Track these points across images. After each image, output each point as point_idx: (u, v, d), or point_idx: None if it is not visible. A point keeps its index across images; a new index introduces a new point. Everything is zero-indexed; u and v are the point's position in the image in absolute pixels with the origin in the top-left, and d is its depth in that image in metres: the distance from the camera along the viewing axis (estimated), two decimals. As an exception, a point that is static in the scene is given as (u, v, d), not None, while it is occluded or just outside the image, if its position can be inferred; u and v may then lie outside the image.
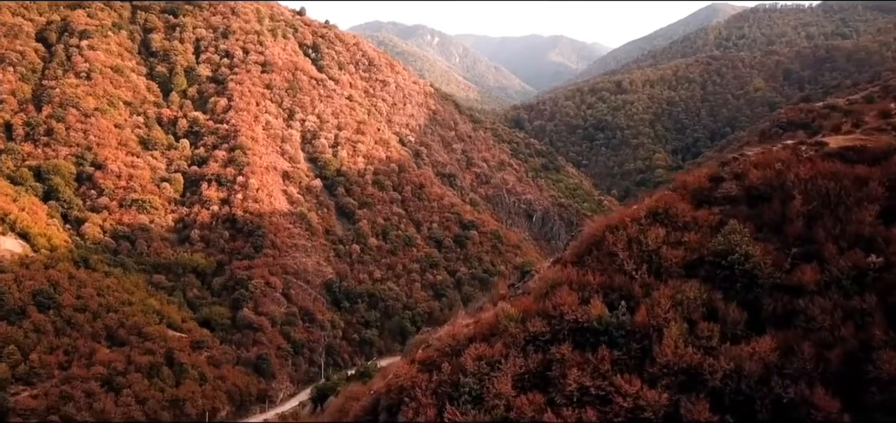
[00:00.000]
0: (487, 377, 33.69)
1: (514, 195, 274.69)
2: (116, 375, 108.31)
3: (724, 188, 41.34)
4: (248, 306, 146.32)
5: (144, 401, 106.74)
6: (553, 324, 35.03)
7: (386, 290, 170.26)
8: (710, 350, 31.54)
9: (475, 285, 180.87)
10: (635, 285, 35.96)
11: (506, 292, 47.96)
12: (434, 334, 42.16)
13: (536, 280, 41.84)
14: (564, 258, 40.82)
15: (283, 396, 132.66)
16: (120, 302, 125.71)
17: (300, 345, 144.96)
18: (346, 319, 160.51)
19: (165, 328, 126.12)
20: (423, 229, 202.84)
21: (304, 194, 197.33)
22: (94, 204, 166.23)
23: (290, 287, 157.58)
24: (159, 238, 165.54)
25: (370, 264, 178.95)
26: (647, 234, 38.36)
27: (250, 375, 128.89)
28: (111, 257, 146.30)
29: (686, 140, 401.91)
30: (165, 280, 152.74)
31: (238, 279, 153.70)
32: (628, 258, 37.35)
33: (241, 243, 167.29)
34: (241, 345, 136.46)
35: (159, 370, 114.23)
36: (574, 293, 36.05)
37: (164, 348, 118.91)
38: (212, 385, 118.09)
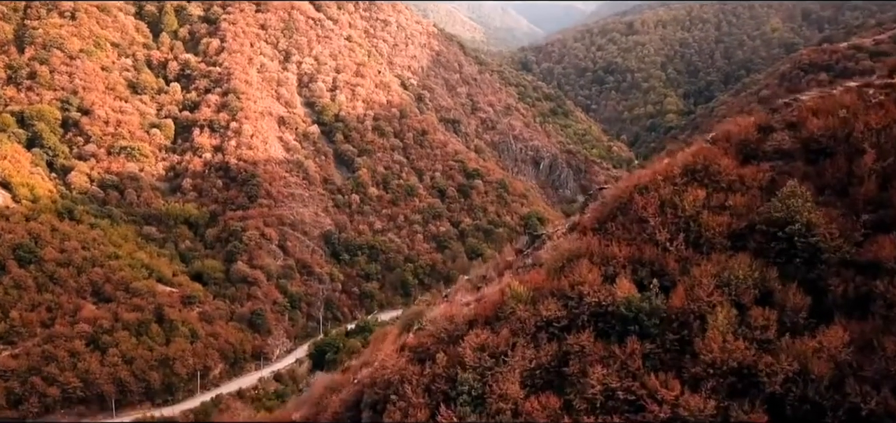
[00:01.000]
0: (491, 373, 28.13)
1: (520, 142, 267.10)
2: (102, 333, 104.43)
3: (776, 140, 34.85)
4: (242, 258, 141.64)
5: (132, 360, 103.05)
6: (570, 307, 29.26)
7: (387, 242, 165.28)
8: (765, 345, 25.74)
9: (479, 237, 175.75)
10: (670, 260, 30.00)
11: (513, 258, 42.14)
12: (429, 311, 36.70)
13: (549, 249, 35.93)
14: (583, 224, 34.79)
15: (279, 352, 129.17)
16: (106, 256, 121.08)
17: (297, 299, 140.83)
18: (345, 272, 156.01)
19: (155, 283, 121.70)
20: (425, 177, 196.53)
21: (301, 141, 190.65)
22: (81, 152, 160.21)
23: (286, 239, 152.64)
24: (150, 188, 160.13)
25: (370, 215, 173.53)
26: (684, 196, 32.17)
27: (244, 331, 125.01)
28: (98, 208, 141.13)
29: (699, 84, 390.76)
30: (156, 232, 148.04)
31: (232, 231, 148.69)
32: (661, 226, 31.28)
33: (235, 192, 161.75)
34: (235, 300, 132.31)
35: (148, 327, 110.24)
36: (596, 269, 30.15)
37: (154, 305, 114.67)
38: (203, 343, 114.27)
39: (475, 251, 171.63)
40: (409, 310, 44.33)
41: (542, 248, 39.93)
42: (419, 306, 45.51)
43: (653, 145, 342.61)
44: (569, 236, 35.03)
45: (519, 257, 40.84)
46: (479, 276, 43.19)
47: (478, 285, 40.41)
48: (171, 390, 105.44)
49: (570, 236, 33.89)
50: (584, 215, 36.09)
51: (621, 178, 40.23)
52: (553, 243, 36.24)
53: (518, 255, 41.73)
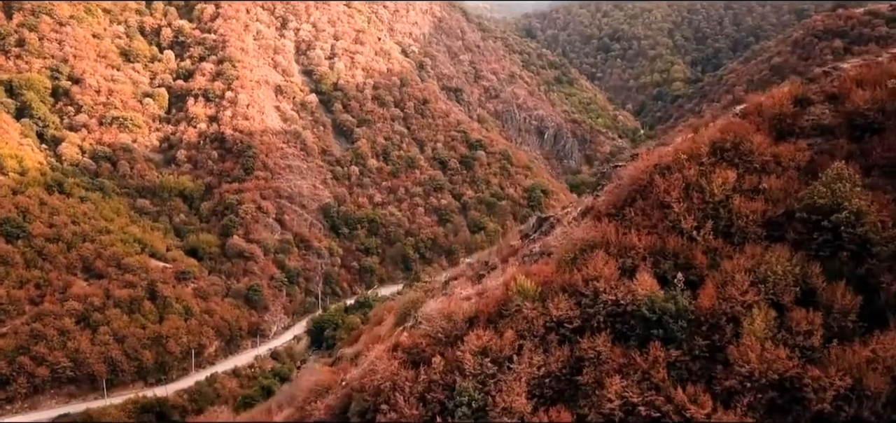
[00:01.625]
0: (493, 381, 25.00)
1: (524, 111, 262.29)
2: (93, 311, 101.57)
3: (814, 114, 31.27)
4: (238, 232, 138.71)
5: (123, 339, 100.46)
6: (584, 305, 26.01)
7: (387, 215, 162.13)
8: (809, 353, 22.54)
9: (482, 210, 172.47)
10: (697, 251, 26.66)
11: (518, 243, 38.80)
12: (426, 303, 33.47)
13: (559, 236, 32.58)
14: (598, 208, 31.38)
15: (276, 329, 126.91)
16: (97, 231, 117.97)
17: (295, 274, 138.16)
18: (344, 246, 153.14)
19: (147, 258, 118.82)
20: (426, 148, 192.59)
21: (299, 111, 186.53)
22: (72, 122, 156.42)
23: (283, 212, 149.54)
24: (143, 159, 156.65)
25: (370, 188, 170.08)
26: (712, 178, 28.72)
27: (241, 307, 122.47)
28: (89, 181, 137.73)
29: (706, 51, 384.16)
30: (150, 205, 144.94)
31: (227, 204, 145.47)
32: (686, 212, 27.88)
33: (231, 163, 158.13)
34: (231, 275, 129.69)
35: (140, 304, 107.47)
36: (612, 261, 26.84)
37: (146, 281, 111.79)
38: (198, 320, 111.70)
39: (477, 225, 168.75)
40: (405, 297, 41.09)
41: (550, 233, 36.60)
42: (417, 292, 42.28)
43: (659, 114, 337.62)
44: (581, 221, 31.62)
45: (525, 243, 37.53)
46: (480, 261, 39.94)
47: (479, 274, 37.18)
48: (165, 369, 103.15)
49: (583, 223, 30.48)
50: (597, 198, 32.65)
51: (638, 153, 36.59)
52: (563, 229, 32.86)
53: (524, 240, 38.43)
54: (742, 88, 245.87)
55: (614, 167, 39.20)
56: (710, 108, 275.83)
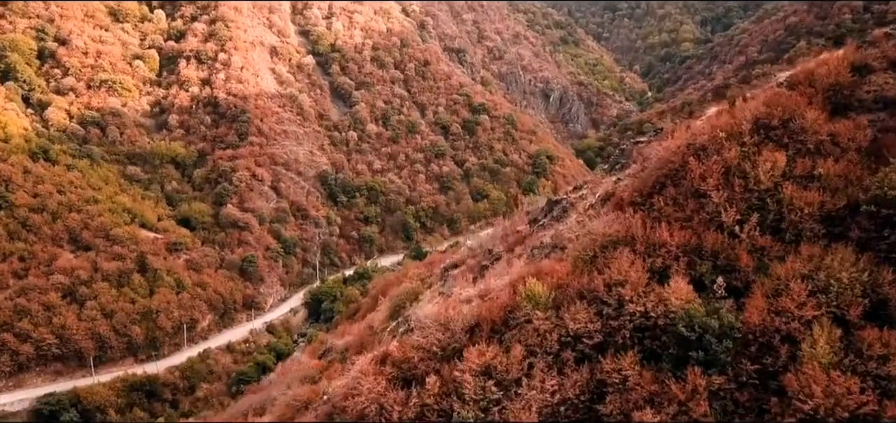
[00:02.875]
0: (498, 408, 21.13)
1: (529, 73, 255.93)
2: (80, 285, 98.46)
3: (875, 84, 26.83)
4: (232, 201, 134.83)
5: (112, 314, 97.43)
6: (606, 316, 21.99)
7: (387, 183, 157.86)
8: (885, 383, 18.53)
9: (485, 178, 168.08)
10: (741, 251, 22.52)
11: (526, 229, 34.67)
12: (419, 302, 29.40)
13: (574, 226, 28.47)
14: (620, 195, 27.18)
15: (272, 301, 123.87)
16: (84, 200, 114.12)
17: (292, 244, 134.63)
18: (342, 214, 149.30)
19: (137, 229, 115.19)
20: (428, 113, 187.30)
21: (295, 73, 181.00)
22: (59, 85, 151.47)
23: (279, 180, 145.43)
24: (133, 124, 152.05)
25: (369, 154, 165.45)
26: (757, 161, 24.44)
27: (235, 279, 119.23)
28: (77, 148, 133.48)
29: (716, 10, 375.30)
30: (141, 172, 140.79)
31: (221, 171, 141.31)
32: (727, 203, 23.68)
33: (224, 129, 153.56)
34: (225, 246, 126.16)
35: (129, 277, 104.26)
36: (639, 262, 22.73)
37: (136, 253, 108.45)
38: (190, 293, 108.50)
39: (480, 193, 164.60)
40: (401, 289, 37.16)
41: (563, 219, 32.48)
42: (413, 283, 38.37)
43: (667, 76, 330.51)
44: (600, 209, 27.42)
45: (533, 230, 33.42)
46: (483, 248, 35.90)
47: (482, 264, 33.18)
48: (156, 345, 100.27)
49: (604, 214, 26.28)
50: (618, 182, 28.40)
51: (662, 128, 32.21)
52: (578, 217, 28.70)
53: (532, 225, 34.32)
54: (755, 49, 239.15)
55: (635, 143, 34.92)
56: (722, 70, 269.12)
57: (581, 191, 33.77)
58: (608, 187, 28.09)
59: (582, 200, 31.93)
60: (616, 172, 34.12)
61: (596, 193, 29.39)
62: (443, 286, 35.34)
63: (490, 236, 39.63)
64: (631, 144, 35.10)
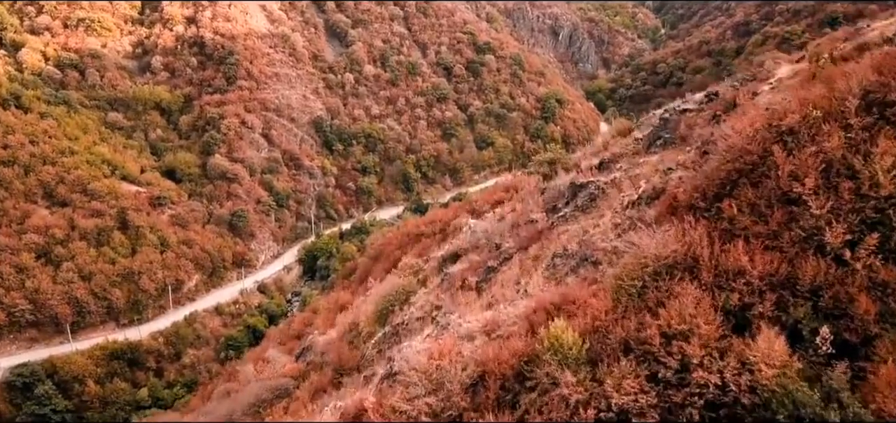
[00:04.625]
0: None
1: (537, 8, 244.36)
2: (55, 244, 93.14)
3: None
4: (220, 150, 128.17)
5: (90, 276, 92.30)
6: (664, 383, 15.73)
7: (385, 129, 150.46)
8: None
9: (490, 123, 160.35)
10: (855, 288, 16.08)
11: (542, 221, 28.17)
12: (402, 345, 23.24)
13: (608, 227, 22.02)
14: (673, 194, 20.65)
15: (264, 259, 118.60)
16: (59, 151, 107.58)
17: (284, 197, 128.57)
18: (338, 164, 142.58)
19: (118, 182, 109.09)
20: (429, 53, 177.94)
21: (287, 11, 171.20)
22: (33, 24, 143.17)
23: (271, 127, 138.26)
24: (115, 67, 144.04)
25: (367, 98, 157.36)
26: (872, 154, 17.75)
27: (224, 235, 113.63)
28: (53, 93, 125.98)
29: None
30: (123, 119, 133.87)
31: (208, 118, 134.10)
32: (831, 215, 17.11)
33: (212, 72, 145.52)
34: (213, 199, 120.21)
35: (109, 235, 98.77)
36: (707, 300, 16.32)
37: (116, 208, 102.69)
38: (175, 252, 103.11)
39: (485, 140, 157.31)
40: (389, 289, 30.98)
41: (590, 211, 26.00)
42: (405, 277, 32.19)
43: (681, 12, 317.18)
44: (645, 212, 20.91)
45: (552, 223, 26.96)
46: (490, 241, 29.53)
47: (488, 266, 26.88)
48: (138, 308, 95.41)
49: (650, 218, 19.76)
50: (669, 172, 21.77)
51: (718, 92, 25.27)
52: (615, 216, 22.18)
53: (550, 216, 27.86)
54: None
55: (682, 112, 28.12)
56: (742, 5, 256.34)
57: (612, 171, 27.28)
58: (657, 183, 21.61)
59: (616, 189, 25.42)
60: (657, 149, 27.49)
61: (638, 184, 22.84)
62: (441, 281, 29.22)
63: (498, 222, 33.17)
64: (676, 114, 28.27)
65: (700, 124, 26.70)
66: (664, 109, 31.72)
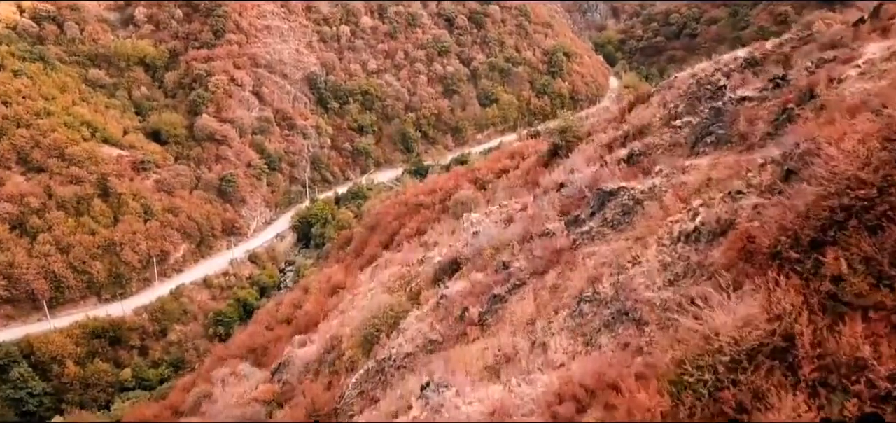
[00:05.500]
0: None
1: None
2: (30, 214, 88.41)
3: None
4: (208, 110, 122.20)
5: (68, 248, 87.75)
6: None
7: (383, 85, 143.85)
8: None
9: (494, 78, 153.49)
10: None
11: (561, 235, 23.00)
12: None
13: (654, 268, 16.94)
14: (747, 234, 15.42)
15: (256, 226, 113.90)
16: (34, 113, 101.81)
17: (277, 159, 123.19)
18: (334, 123, 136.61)
19: (98, 146, 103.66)
20: (430, 2, 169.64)
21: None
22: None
23: (261, 84, 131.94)
24: (96, 20, 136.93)
25: (363, 52, 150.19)
26: None
27: (213, 202, 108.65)
28: (28, 50, 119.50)
29: None
30: (105, 76, 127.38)
31: (195, 75, 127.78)
32: None
33: (198, 24, 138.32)
34: (201, 162, 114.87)
35: (89, 204, 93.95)
36: (812, 409, 11.35)
37: (96, 174, 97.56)
38: (160, 220, 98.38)
39: (489, 96, 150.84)
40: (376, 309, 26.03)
41: (623, 228, 20.86)
42: (394, 297, 27.23)
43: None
44: (708, 252, 15.74)
45: (575, 241, 21.84)
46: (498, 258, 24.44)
47: (494, 295, 21.86)
48: (121, 282, 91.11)
49: (719, 274, 14.58)
50: (739, 197, 16.32)
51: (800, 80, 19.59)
52: (662, 252, 17.04)
53: (571, 230, 22.71)
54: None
55: (739, 101, 22.66)
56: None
57: (650, 174, 21.93)
58: (718, 209, 16.34)
59: (657, 202, 20.22)
60: (707, 147, 22.17)
61: (689, 204, 17.60)
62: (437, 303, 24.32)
63: (505, 225, 28.02)
64: (732, 105, 22.77)
65: (764, 118, 21.48)
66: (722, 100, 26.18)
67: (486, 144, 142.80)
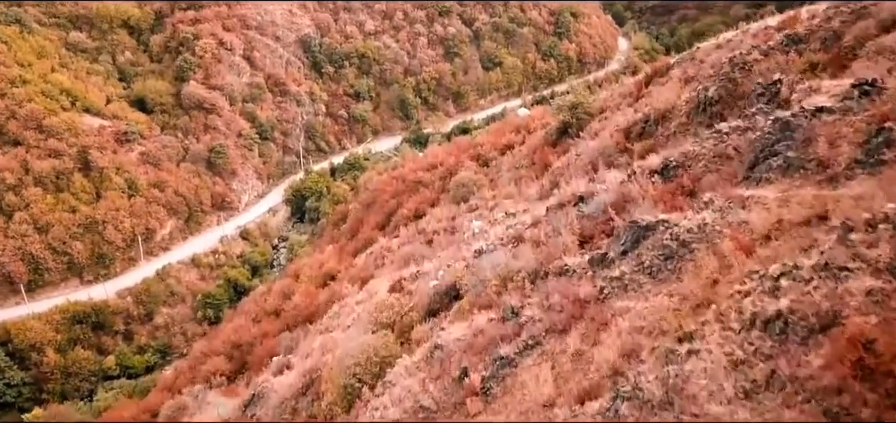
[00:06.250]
0: None
1: None
2: (6, 191, 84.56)
3: None
4: (195, 76, 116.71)
5: (47, 227, 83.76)
6: None
7: (381, 48, 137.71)
8: None
9: (498, 40, 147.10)
10: None
11: (583, 279, 18.63)
12: None
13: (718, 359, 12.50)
14: (862, 335, 10.94)
15: (247, 200, 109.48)
16: (9, 81, 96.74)
17: (269, 128, 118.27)
18: (329, 89, 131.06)
19: (78, 116, 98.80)
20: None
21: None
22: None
23: (252, 48, 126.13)
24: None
25: (360, 12, 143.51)
26: None
27: (201, 175, 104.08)
28: (4, 11, 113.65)
29: None
30: (87, 40, 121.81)
31: (182, 39, 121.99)
32: None
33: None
34: (189, 132, 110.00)
35: (69, 179, 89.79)
36: None
37: (76, 147, 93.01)
38: (145, 196, 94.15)
39: (492, 59, 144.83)
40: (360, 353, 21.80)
41: (664, 279, 16.57)
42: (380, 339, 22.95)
43: None
44: (807, 368, 11.35)
45: (602, 287, 17.51)
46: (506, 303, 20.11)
47: (500, 357, 17.60)
48: (105, 262, 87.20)
49: (821, 397, 10.27)
50: (842, 280, 11.87)
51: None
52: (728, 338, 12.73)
53: (596, 270, 18.34)
54: None
55: (815, 113, 17.99)
56: None
57: (700, 209, 17.44)
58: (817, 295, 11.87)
59: (708, 245, 15.86)
60: (771, 173, 17.62)
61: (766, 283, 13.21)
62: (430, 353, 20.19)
63: (512, 249, 23.62)
64: (805, 117, 18.06)
65: (849, 138, 16.93)
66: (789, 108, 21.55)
67: (489, 110, 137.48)
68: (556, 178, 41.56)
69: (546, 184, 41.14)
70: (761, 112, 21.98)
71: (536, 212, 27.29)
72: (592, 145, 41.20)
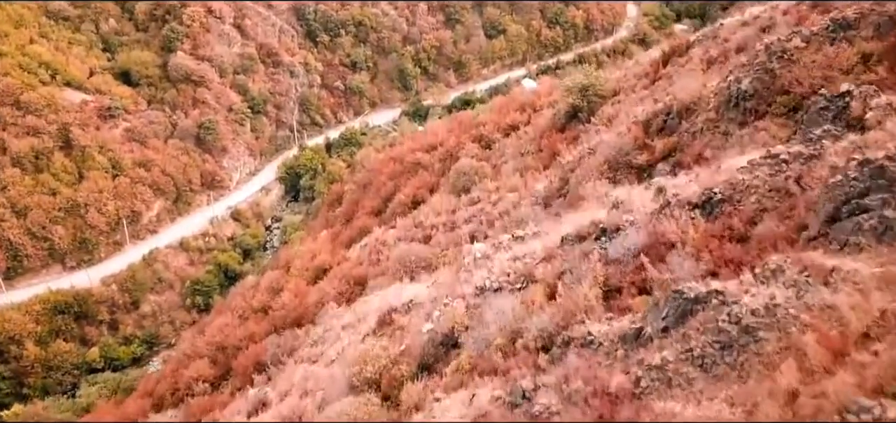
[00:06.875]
0: None
1: None
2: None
3: None
4: (183, 46, 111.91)
5: (25, 211, 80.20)
6: None
7: (379, 15, 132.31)
8: None
9: (501, 7, 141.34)
10: None
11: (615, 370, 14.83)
12: None
13: None
14: None
15: (238, 178, 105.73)
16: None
17: (261, 102, 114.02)
18: (324, 59, 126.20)
19: (58, 90, 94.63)
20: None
21: None
22: None
23: (243, 16, 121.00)
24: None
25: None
26: None
27: (190, 152, 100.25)
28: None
29: None
30: (69, 7, 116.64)
31: (169, 6, 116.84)
32: None
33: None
34: (177, 107, 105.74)
35: (49, 159, 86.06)
36: None
37: (57, 124, 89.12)
38: (131, 176, 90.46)
39: (495, 27, 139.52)
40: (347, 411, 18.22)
41: (726, 375, 12.83)
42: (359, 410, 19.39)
43: None
44: None
45: (639, 378, 13.77)
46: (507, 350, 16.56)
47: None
48: (88, 247, 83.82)
49: None
50: None
51: None
52: None
53: (630, 351, 14.40)
54: None
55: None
56: None
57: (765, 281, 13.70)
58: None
59: (780, 335, 12.24)
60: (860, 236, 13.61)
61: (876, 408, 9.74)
62: None
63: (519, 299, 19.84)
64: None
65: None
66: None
67: (492, 81, 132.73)
68: (566, 174, 37.92)
69: (555, 179, 37.49)
70: (829, 135, 18.04)
71: (548, 241, 23.46)
72: (607, 139, 37.44)
